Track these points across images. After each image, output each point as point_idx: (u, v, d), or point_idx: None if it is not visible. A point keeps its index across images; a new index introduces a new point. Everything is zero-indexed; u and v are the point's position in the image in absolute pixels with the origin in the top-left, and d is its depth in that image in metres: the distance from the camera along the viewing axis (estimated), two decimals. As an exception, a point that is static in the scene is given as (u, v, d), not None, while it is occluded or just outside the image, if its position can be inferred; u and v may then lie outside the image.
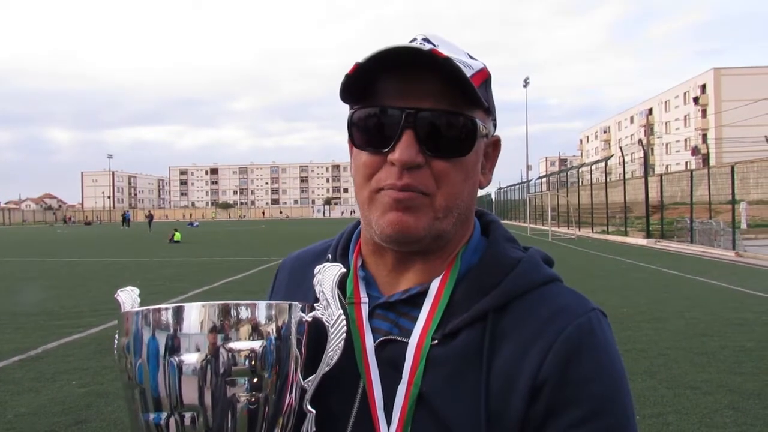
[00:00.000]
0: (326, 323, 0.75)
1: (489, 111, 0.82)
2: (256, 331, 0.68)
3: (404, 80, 0.75)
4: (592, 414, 0.71)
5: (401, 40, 0.79)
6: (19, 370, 6.26)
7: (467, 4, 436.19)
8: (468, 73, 0.76)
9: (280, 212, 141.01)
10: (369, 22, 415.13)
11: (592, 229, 33.76)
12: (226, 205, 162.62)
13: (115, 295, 0.77)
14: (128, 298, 0.76)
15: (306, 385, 0.74)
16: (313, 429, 0.74)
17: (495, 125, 0.85)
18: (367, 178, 0.78)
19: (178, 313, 0.67)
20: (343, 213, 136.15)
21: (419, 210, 0.76)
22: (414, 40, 0.79)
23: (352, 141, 0.80)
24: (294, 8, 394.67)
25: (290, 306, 0.72)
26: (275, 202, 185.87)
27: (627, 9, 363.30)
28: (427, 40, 0.78)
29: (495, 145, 0.87)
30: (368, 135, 0.77)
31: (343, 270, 0.79)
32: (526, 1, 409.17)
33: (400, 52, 0.72)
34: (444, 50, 0.76)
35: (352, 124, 0.79)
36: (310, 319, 0.75)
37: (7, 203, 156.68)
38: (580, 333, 0.74)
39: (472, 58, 0.82)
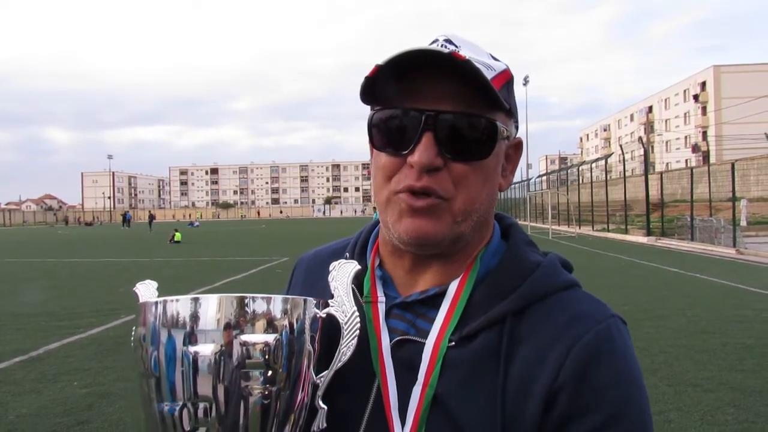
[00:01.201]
0: (340, 320, 0.76)
1: (510, 113, 0.81)
2: (270, 325, 0.69)
3: (425, 82, 0.74)
4: (610, 419, 0.71)
5: (414, 41, 0.80)
6: (20, 371, 6.27)
7: (467, 4, 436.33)
8: (490, 75, 0.76)
9: (281, 212, 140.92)
10: (369, 22, 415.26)
11: (593, 227, 33.75)
12: (226, 205, 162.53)
13: (134, 288, 0.77)
14: (146, 290, 0.77)
15: (318, 380, 0.75)
16: (324, 425, 0.74)
17: (517, 127, 0.84)
18: (386, 179, 0.78)
19: (195, 304, 0.68)
20: (342, 212, 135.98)
21: (438, 215, 0.76)
22: (435, 41, 0.79)
23: (372, 142, 0.80)
24: (294, 7, 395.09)
25: (305, 301, 0.73)
26: (275, 201, 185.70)
27: (626, 7, 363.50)
28: (449, 41, 0.78)
29: (516, 147, 0.86)
30: (388, 137, 0.77)
31: (358, 267, 0.79)
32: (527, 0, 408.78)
33: (421, 55, 0.71)
34: (466, 51, 0.75)
35: (372, 126, 0.78)
36: (324, 315, 0.75)
37: (7, 204, 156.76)
38: (598, 340, 0.74)
39: (494, 59, 0.82)
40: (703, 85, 73.99)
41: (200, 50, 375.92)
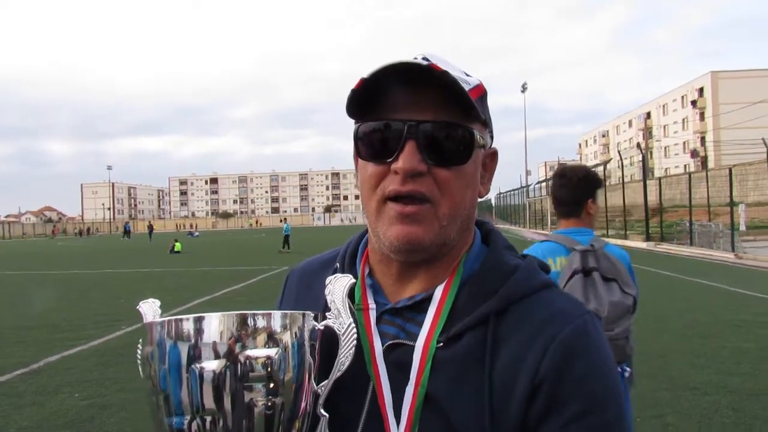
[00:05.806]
0: (337, 331, 0.80)
1: (486, 124, 0.87)
2: (271, 339, 0.73)
3: (406, 94, 0.80)
4: (588, 410, 0.76)
5: (403, 51, 0.85)
6: (21, 383, 6.28)
7: (469, 10, 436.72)
8: (465, 87, 0.81)
9: (280, 221, 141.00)
10: (369, 28, 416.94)
11: (592, 233, 33.66)
12: (226, 215, 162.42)
13: (138, 307, 0.81)
14: (150, 309, 0.80)
15: (319, 390, 0.79)
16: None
17: (492, 138, 0.91)
18: (373, 188, 0.83)
19: (199, 322, 0.72)
20: (342, 221, 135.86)
21: (425, 221, 0.81)
22: (415, 58, 0.84)
23: (358, 154, 0.85)
24: (294, 14, 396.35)
25: (304, 315, 0.77)
26: (275, 210, 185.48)
27: (625, 13, 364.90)
28: (425, 58, 0.84)
29: (492, 156, 0.92)
30: (373, 147, 0.82)
31: (353, 280, 0.84)
32: (526, 6, 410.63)
33: (402, 67, 0.77)
34: (441, 67, 0.81)
35: (357, 138, 0.84)
36: (322, 327, 0.79)
37: (6, 217, 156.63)
38: (575, 335, 0.79)
39: (468, 75, 0.88)
40: (701, 90, 74.21)
41: (199, 58, 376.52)
